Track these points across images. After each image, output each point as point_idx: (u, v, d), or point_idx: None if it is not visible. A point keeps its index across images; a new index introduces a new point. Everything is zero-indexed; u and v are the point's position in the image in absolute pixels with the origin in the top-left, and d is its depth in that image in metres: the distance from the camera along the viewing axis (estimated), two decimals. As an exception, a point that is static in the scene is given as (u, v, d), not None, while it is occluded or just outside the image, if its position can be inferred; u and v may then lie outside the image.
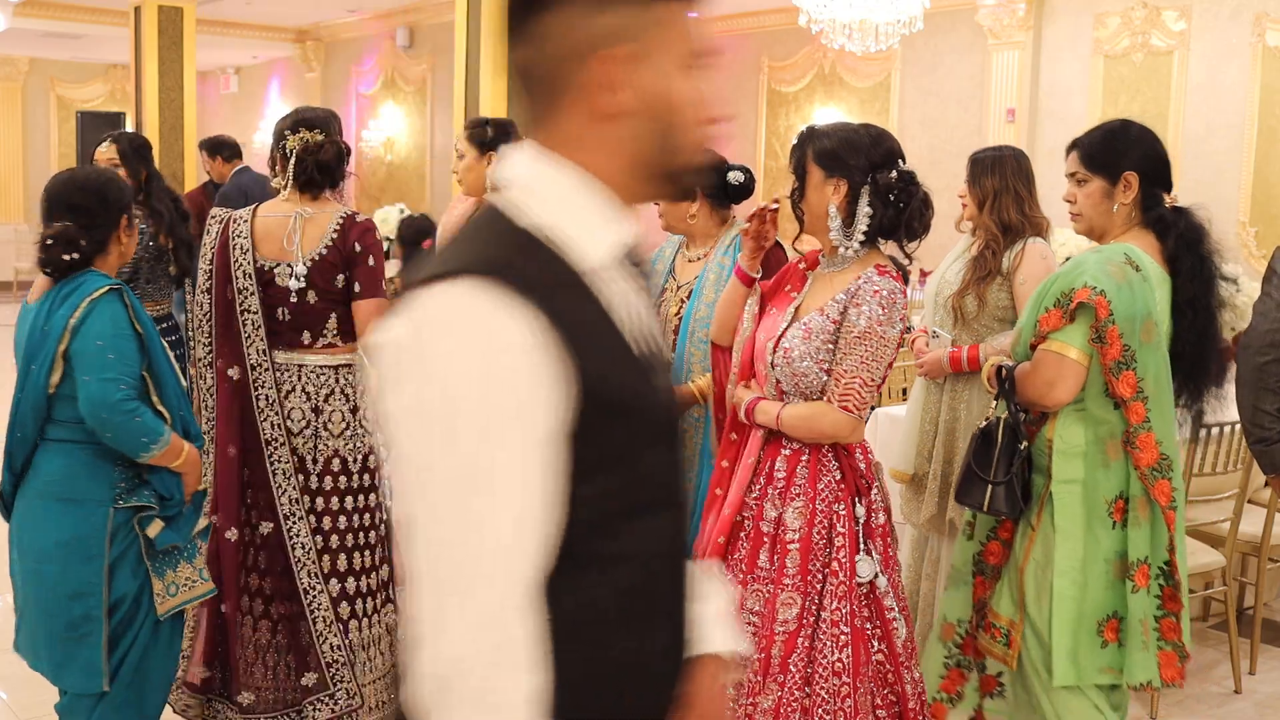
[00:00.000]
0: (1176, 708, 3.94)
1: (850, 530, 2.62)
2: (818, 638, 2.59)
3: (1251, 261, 9.81)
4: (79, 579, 2.67)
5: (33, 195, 18.31)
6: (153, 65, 12.39)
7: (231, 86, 19.06)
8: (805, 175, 2.72)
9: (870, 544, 2.65)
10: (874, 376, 2.60)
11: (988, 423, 2.87)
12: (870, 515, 2.67)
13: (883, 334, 2.59)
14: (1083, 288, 2.67)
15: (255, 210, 3.25)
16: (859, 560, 2.61)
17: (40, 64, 18.24)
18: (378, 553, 3.31)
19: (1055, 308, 2.73)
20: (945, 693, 3.00)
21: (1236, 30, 10.08)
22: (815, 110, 13.51)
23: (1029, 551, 2.78)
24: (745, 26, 14.25)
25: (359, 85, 15.68)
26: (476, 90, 7.67)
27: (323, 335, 3.19)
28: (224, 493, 3.19)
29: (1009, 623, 2.80)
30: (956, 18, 11.72)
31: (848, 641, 2.59)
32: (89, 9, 14.08)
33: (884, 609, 2.64)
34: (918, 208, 2.67)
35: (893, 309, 2.61)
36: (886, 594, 2.65)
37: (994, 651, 2.86)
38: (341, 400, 3.21)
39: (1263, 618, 4.34)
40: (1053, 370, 2.71)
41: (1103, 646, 2.71)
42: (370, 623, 3.27)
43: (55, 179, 2.84)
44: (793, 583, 2.61)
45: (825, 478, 2.64)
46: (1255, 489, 4.31)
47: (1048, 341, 2.74)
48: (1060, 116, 11.21)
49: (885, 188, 2.65)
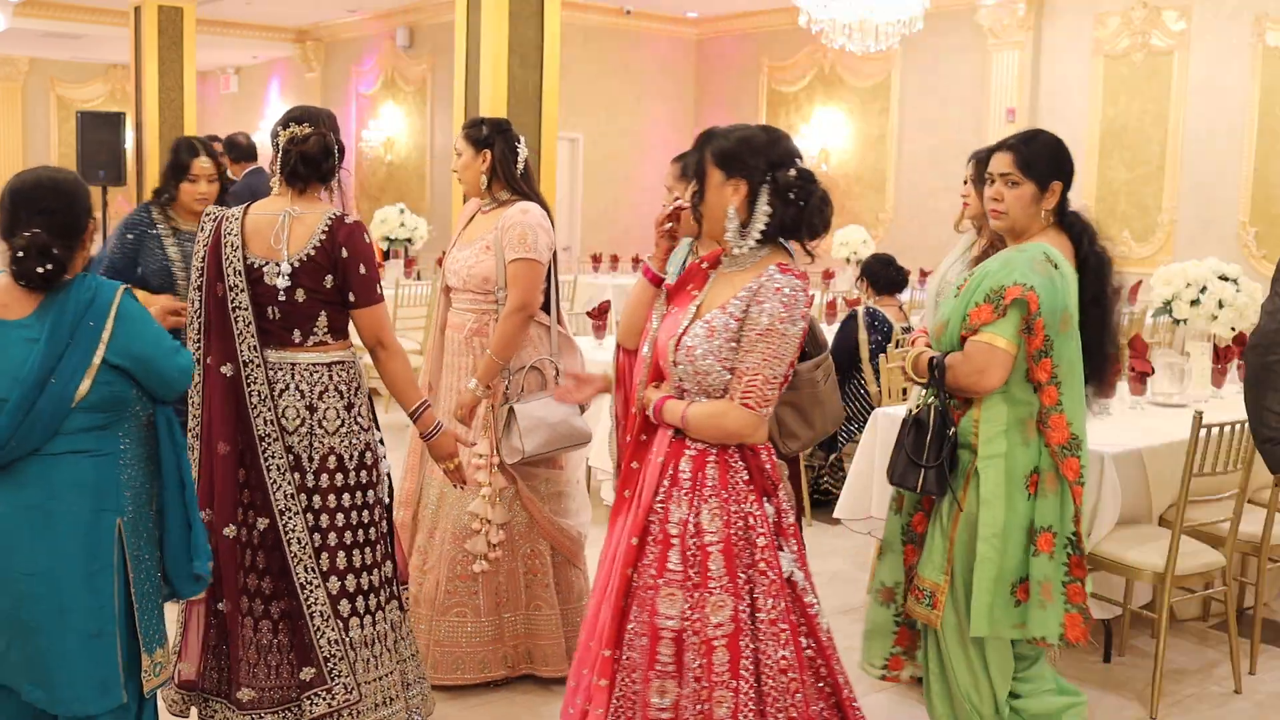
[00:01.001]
0: (1176, 708, 3.94)
1: (768, 528, 2.66)
2: (759, 638, 2.61)
3: (1252, 261, 9.81)
4: (92, 591, 2.60)
5: (33, 195, 18.31)
6: (153, 65, 12.40)
7: (231, 86, 19.06)
8: (705, 177, 2.71)
9: (784, 541, 2.69)
10: (776, 374, 2.62)
11: (919, 410, 3.06)
12: (781, 515, 2.71)
13: (784, 331, 2.60)
14: (1014, 285, 2.95)
15: (247, 208, 3.24)
16: (781, 557, 2.66)
17: (40, 64, 18.24)
18: (379, 550, 3.29)
19: (986, 303, 2.98)
20: (900, 646, 3.28)
21: (1236, 30, 10.08)
22: (815, 110, 13.51)
23: (956, 521, 3.05)
24: (745, 26, 14.25)
25: (359, 85, 15.68)
26: (476, 90, 7.66)
27: (313, 334, 3.18)
28: (220, 489, 3.18)
29: (933, 586, 3.09)
30: (956, 18, 11.72)
31: (789, 638, 2.62)
32: (89, 9, 14.08)
33: (805, 604, 2.69)
34: (817, 205, 2.65)
35: (794, 306, 2.61)
36: (805, 589, 2.70)
37: (918, 612, 3.14)
38: (336, 397, 3.19)
39: (1263, 618, 4.34)
40: (984, 359, 2.98)
41: (1015, 605, 3.02)
42: (372, 620, 3.25)
43: (22, 180, 2.65)
44: (720, 584, 2.60)
45: (734, 478, 2.66)
46: (1255, 489, 4.31)
47: (979, 334, 2.99)
48: (1060, 116, 11.21)
49: (785, 186, 2.63)
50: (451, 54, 8.61)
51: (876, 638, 3.35)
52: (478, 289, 3.82)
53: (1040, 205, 3.06)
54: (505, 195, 3.88)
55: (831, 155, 13.31)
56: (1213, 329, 5.35)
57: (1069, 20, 11.16)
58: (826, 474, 6.16)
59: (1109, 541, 3.92)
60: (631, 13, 13.90)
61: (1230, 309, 5.31)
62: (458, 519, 3.82)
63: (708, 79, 14.78)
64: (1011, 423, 3.01)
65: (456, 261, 3.90)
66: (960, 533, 3.05)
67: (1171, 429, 4.23)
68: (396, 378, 3.25)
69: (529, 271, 3.72)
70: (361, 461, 3.25)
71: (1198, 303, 5.38)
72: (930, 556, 3.12)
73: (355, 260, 3.14)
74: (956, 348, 3.06)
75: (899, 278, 6.31)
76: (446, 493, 3.85)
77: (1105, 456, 3.86)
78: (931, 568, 3.11)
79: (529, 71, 7.68)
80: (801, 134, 13.63)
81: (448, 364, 3.92)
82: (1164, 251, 10.45)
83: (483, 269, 3.79)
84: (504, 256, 3.76)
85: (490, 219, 3.87)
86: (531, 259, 3.73)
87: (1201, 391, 4.94)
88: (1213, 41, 10.24)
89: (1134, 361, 4.76)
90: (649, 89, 14.46)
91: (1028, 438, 3.02)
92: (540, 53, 7.67)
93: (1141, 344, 4.85)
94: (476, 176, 3.88)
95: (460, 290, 3.89)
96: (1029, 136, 3.14)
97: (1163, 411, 4.64)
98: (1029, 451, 3.01)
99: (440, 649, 3.81)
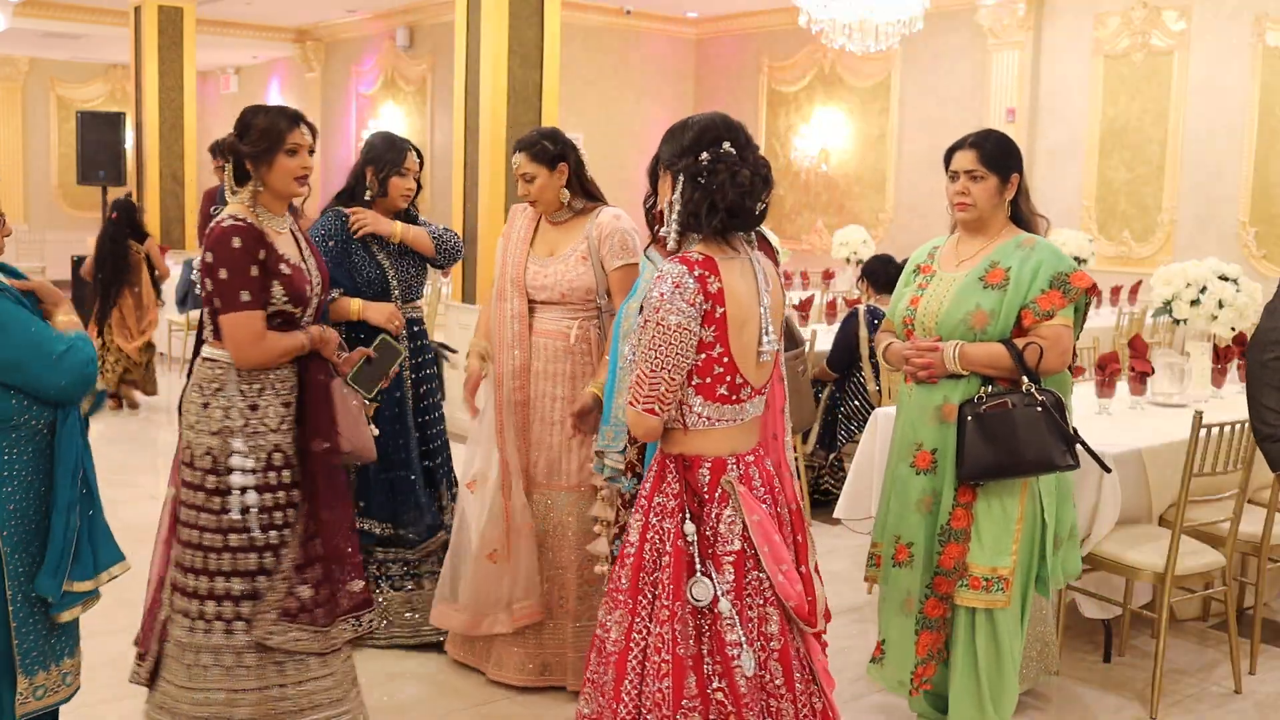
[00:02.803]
0: (1176, 708, 3.94)
1: (677, 550, 2.46)
2: (647, 664, 2.46)
3: (1252, 261, 9.81)
4: None
5: (33, 196, 18.33)
6: (153, 65, 12.38)
7: (231, 86, 19.06)
8: (657, 178, 2.67)
9: (708, 566, 2.46)
10: (653, 368, 2.43)
11: (1040, 399, 3.15)
12: (716, 539, 2.48)
13: (660, 320, 2.41)
14: (1077, 272, 3.24)
15: None
16: (694, 583, 2.44)
17: (40, 64, 18.24)
18: (211, 559, 3.08)
19: (1053, 289, 3.21)
20: (921, 655, 3.32)
21: (1236, 30, 10.08)
22: (815, 110, 13.51)
23: (1023, 499, 3.24)
24: (745, 26, 14.25)
25: (359, 85, 15.68)
26: (476, 90, 7.66)
27: (207, 327, 3.20)
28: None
29: (1001, 571, 3.22)
30: (956, 18, 11.71)
31: (668, 672, 2.43)
32: (89, 9, 14.08)
33: (724, 642, 2.44)
34: (724, 182, 2.46)
35: (674, 295, 2.41)
36: (731, 625, 2.44)
37: (981, 601, 3.23)
38: (196, 392, 3.15)
39: (1263, 618, 4.34)
40: (1067, 341, 3.23)
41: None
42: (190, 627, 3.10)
43: None
44: (624, 598, 2.51)
45: (663, 489, 2.52)
46: (1255, 489, 4.31)
47: (1054, 318, 3.20)
48: (1060, 116, 11.21)
49: (695, 172, 2.49)
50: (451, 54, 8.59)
51: (900, 650, 3.39)
52: (579, 300, 3.77)
53: (1004, 196, 3.32)
54: (580, 204, 3.84)
55: (831, 155, 13.31)
56: (1213, 329, 5.34)
57: (1069, 20, 11.16)
58: (826, 474, 6.16)
59: (1109, 541, 3.92)
60: (631, 13, 13.90)
61: (1230, 309, 5.31)
62: (567, 524, 3.80)
63: (708, 79, 14.78)
64: None
65: (545, 276, 3.79)
66: (1028, 507, 3.24)
67: (1171, 429, 4.23)
68: (269, 363, 3.11)
69: (635, 276, 3.62)
70: (206, 464, 3.09)
71: (1198, 303, 5.37)
72: (990, 543, 3.22)
73: (216, 265, 3.06)
74: (991, 337, 3.23)
75: (899, 277, 6.30)
76: (554, 502, 3.81)
77: (1105, 456, 3.86)
78: (996, 553, 3.22)
79: (529, 71, 7.67)
80: (801, 134, 13.64)
81: (540, 370, 3.81)
82: (1164, 251, 10.44)
83: (584, 281, 3.75)
84: (606, 265, 3.73)
85: (571, 229, 3.81)
86: (635, 263, 3.71)
87: (1201, 391, 4.94)
88: (1212, 41, 10.23)
89: (1134, 361, 4.76)
90: (649, 89, 14.46)
91: None
92: (540, 53, 7.66)
93: (1141, 344, 4.85)
94: (557, 193, 3.81)
95: (554, 303, 3.80)
96: (986, 135, 3.36)
97: (1163, 411, 4.64)
98: None
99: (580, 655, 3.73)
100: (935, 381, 3.28)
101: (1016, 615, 3.28)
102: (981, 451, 3.14)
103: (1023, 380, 3.17)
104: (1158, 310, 5.63)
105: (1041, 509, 3.25)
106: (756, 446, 2.62)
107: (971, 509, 3.24)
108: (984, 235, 3.35)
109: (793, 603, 2.51)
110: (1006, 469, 3.16)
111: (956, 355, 3.23)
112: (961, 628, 3.28)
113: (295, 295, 3.13)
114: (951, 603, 3.28)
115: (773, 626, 2.50)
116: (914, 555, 3.34)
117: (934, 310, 3.32)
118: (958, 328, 3.26)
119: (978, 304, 3.24)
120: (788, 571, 2.52)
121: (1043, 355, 3.17)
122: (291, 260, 3.16)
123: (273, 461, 3.10)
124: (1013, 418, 3.13)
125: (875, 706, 3.84)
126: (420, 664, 4.09)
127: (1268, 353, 3.00)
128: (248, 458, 3.07)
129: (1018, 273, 3.23)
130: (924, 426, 3.32)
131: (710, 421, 2.51)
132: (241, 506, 3.06)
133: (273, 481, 3.10)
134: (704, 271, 2.44)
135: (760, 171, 2.53)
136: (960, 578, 3.24)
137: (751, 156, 2.53)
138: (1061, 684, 4.07)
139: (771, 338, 2.56)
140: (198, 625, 3.09)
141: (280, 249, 3.14)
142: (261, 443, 3.09)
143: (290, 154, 3.14)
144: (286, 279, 3.11)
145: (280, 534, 3.11)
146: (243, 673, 3.09)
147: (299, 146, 3.14)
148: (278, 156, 3.12)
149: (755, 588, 2.50)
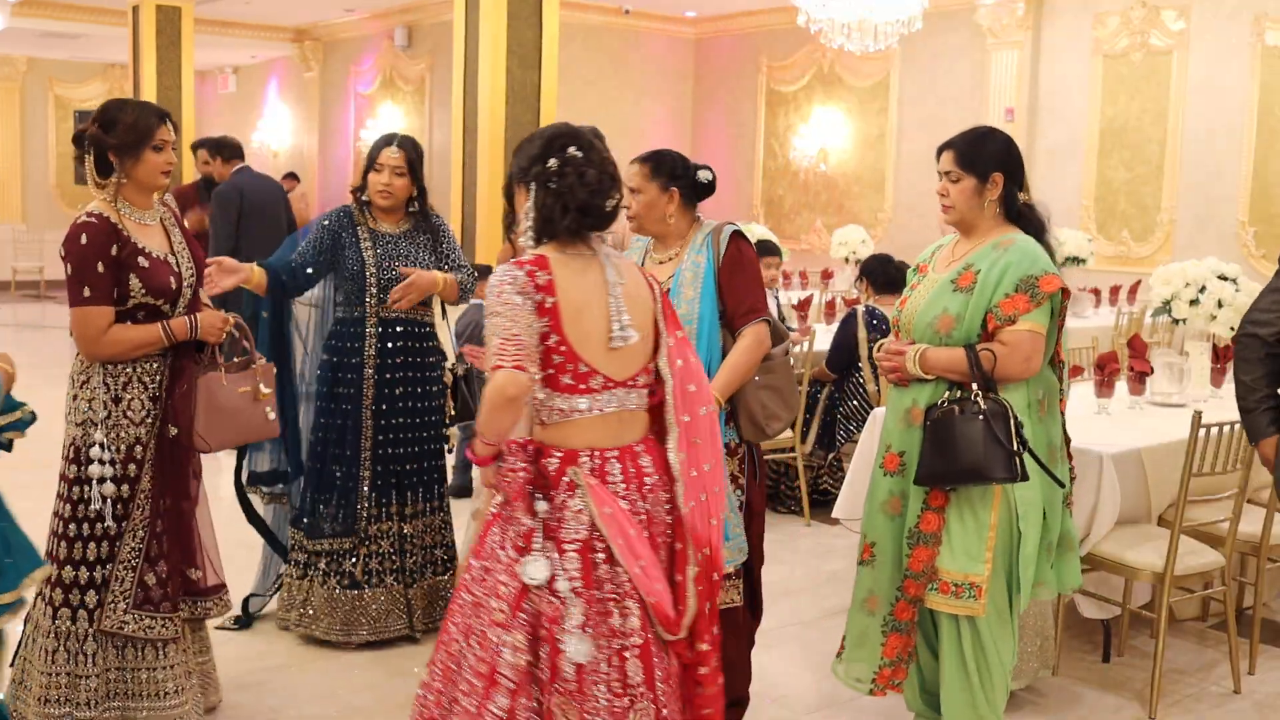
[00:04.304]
0: (1176, 708, 3.94)
1: (510, 534, 2.52)
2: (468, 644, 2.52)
3: (1251, 261, 9.80)
4: None
5: (31, 195, 18.32)
6: (151, 65, 12.39)
7: (230, 86, 19.05)
8: (514, 195, 2.71)
9: (548, 546, 2.49)
10: (506, 336, 2.47)
11: (987, 405, 3.07)
12: (560, 525, 2.49)
13: (499, 301, 2.50)
14: (1047, 275, 3.13)
15: None
16: (526, 561, 2.48)
17: (38, 63, 18.24)
18: (76, 548, 3.22)
19: (1019, 293, 3.12)
20: (888, 657, 3.31)
21: (1236, 30, 10.07)
22: (814, 110, 13.51)
23: (996, 507, 3.15)
24: (744, 26, 14.24)
25: (357, 85, 15.67)
26: (475, 90, 7.67)
27: None
28: None
29: (972, 577, 3.15)
30: (955, 17, 11.71)
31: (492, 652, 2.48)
32: (87, 9, 14.07)
33: (556, 623, 2.46)
34: (573, 184, 2.54)
35: (504, 286, 2.50)
36: (569, 613, 2.45)
37: (952, 607, 3.17)
38: (69, 383, 3.26)
39: (1262, 618, 4.33)
40: (1030, 346, 3.12)
41: (1050, 568, 3.29)
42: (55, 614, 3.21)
43: None
44: (472, 577, 2.58)
45: (509, 470, 2.54)
46: (1255, 489, 4.31)
47: (1019, 323, 3.11)
48: (1060, 116, 11.21)
49: (545, 178, 2.57)
50: (450, 53, 8.61)
51: (862, 648, 3.38)
52: None
53: (984, 197, 3.24)
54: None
55: (830, 155, 13.31)
56: (1212, 329, 5.35)
57: (1068, 20, 11.16)
58: (826, 474, 6.16)
59: (1108, 541, 3.92)
60: (630, 12, 13.90)
61: (1229, 308, 5.31)
62: None
63: (706, 79, 14.78)
64: (1031, 403, 3.20)
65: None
66: (1001, 515, 3.15)
67: (1171, 429, 4.22)
68: (118, 357, 3.19)
69: None
70: (70, 455, 3.24)
71: (1197, 302, 5.37)
72: (961, 549, 3.16)
73: (66, 260, 3.18)
74: (956, 341, 3.17)
75: (898, 277, 6.29)
76: None
77: (1104, 456, 3.86)
78: (966, 560, 3.15)
79: (528, 71, 7.68)
80: (800, 134, 13.64)
81: None
82: (1163, 251, 10.45)
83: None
84: None
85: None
86: None
87: (1200, 391, 4.94)
88: (1212, 41, 10.23)
89: (1133, 361, 4.76)
90: (647, 89, 14.46)
91: (1040, 416, 3.22)
92: (539, 52, 7.67)
93: (1140, 344, 4.84)
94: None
95: None
96: (971, 134, 3.31)
97: (1162, 411, 4.64)
98: (1042, 429, 3.22)
99: None
100: (906, 384, 3.28)
101: (1003, 622, 3.22)
102: (930, 457, 3.13)
103: (972, 387, 3.11)
104: (1157, 310, 5.63)
105: (1017, 518, 3.15)
106: (632, 445, 2.60)
107: (943, 513, 3.20)
108: (973, 236, 3.29)
109: (652, 599, 2.51)
110: (946, 476, 3.11)
111: (917, 359, 3.22)
112: (946, 635, 3.26)
113: (155, 288, 3.21)
114: (921, 606, 3.26)
115: (633, 622, 2.51)
116: (876, 555, 3.34)
117: (912, 312, 3.32)
118: (926, 331, 3.24)
119: (945, 307, 3.21)
120: (646, 567, 2.51)
121: (997, 361, 3.10)
122: (154, 253, 3.24)
123: (133, 454, 3.22)
124: (954, 425, 3.08)
125: (875, 706, 3.84)
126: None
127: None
128: (106, 449, 3.18)
129: (985, 275, 3.17)
130: (895, 429, 3.32)
131: (564, 414, 2.54)
132: (99, 497, 3.19)
133: (131, 473, 3.23)
134: (532, 267, 2.52)
135: (607, 170, 2.60)
136: (930, 581, 3.21)
137: (597, 157, 2.60)
138: (1060, 684, 4.07)
139: (625, 326, 2.56)
140: (48, 611, 3.22)
141: (141, 242, 3.21)
142: (123, 435, 3.21)
143: (157, 150, 3.25)
144: (145, 272, 3.20)
145: (132, 523, 3.23)
146: (84, 659, 3.21)
147: (165, 143, 3.27)
148: (145, 151, 3.23)
149: (610, 579, 2.50)
